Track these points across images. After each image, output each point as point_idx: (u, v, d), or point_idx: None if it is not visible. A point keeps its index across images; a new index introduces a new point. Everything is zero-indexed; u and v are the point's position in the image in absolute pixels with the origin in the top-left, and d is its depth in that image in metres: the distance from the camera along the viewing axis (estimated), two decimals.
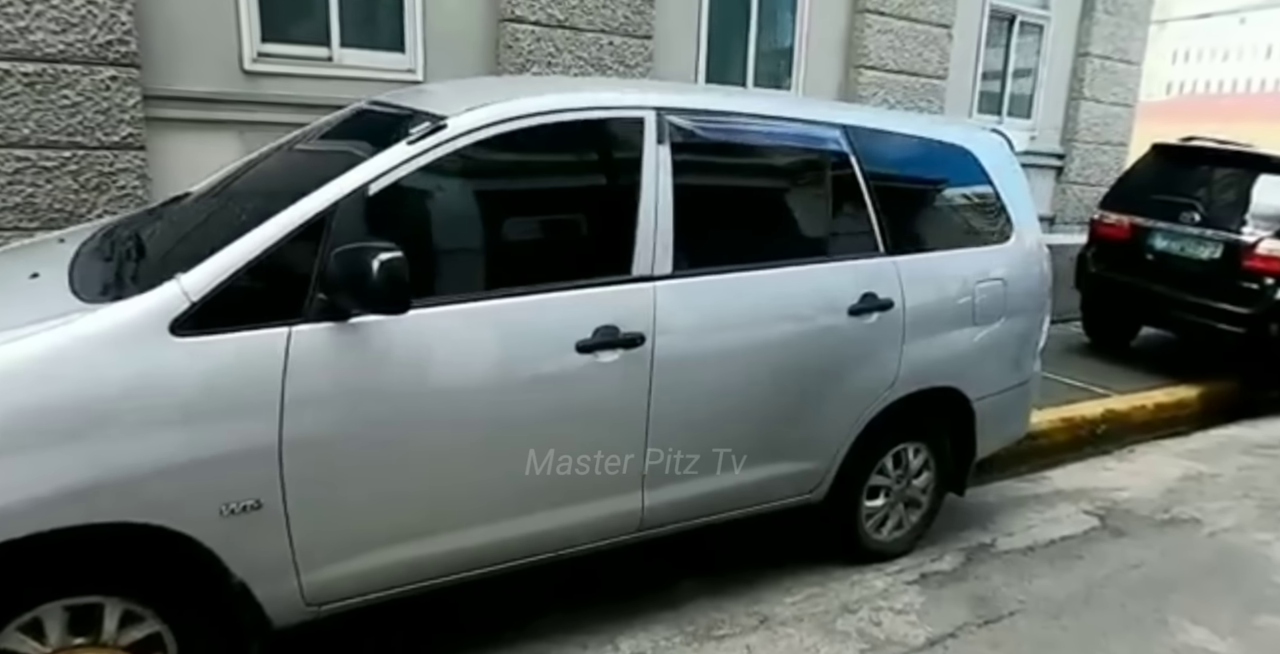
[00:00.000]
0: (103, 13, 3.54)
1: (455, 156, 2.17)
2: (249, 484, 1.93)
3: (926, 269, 2.94)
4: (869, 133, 2.90)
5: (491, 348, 2.18)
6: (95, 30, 3.54)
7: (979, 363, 3.16)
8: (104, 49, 3.57)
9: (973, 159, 3.16)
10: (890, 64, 5.84)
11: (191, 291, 1.88)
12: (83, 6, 3.50)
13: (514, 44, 4.48)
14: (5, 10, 3.37)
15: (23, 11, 3.40)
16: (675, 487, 2.55)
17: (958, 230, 3.17)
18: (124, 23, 3.59)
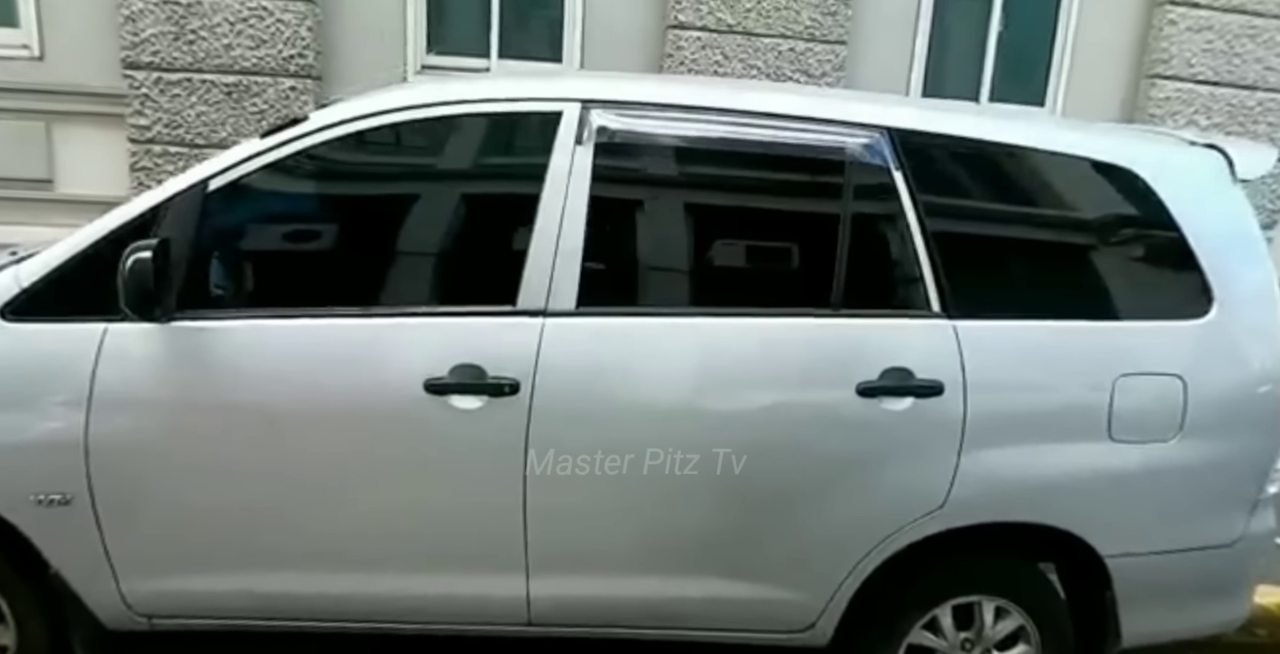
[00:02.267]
0: (287, 29, 3.96)
1: (312, 155, 1.93)
2: (59, 477, 1.90)
3: (1015, 344, 1.98)
4: (932, 140, 2.03)
5: (317, 371, 1.91)
6: (281, 45, 3.98)
7: (1122, 500, 2.05)
8: (287, 62, 4.00)
9: (1140, 185, 2.06)
10: (1205, 73, 4.31)
11: (24, 278, 1.90)
12: (272, 24, 3.95)
13: (676, 52, 4.13)
14: (215, 30, 3.94)
15: (227, 30, 3.95)
16: (573, 581, 2.01)
17: (1094, 293, 2.09)
18: (304, 38, 3.98)
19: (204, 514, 1.96)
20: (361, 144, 1.97)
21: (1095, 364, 2.00)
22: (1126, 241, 2.11)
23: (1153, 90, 4.40)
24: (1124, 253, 2.11)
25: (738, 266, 2.05)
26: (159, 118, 4.00)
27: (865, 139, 1.97)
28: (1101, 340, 2.02)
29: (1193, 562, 2.11)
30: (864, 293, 1.99)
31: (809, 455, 1.97)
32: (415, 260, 2.04)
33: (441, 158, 2.11)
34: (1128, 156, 2.06)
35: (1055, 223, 2.10)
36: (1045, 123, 3.04)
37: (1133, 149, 2.11)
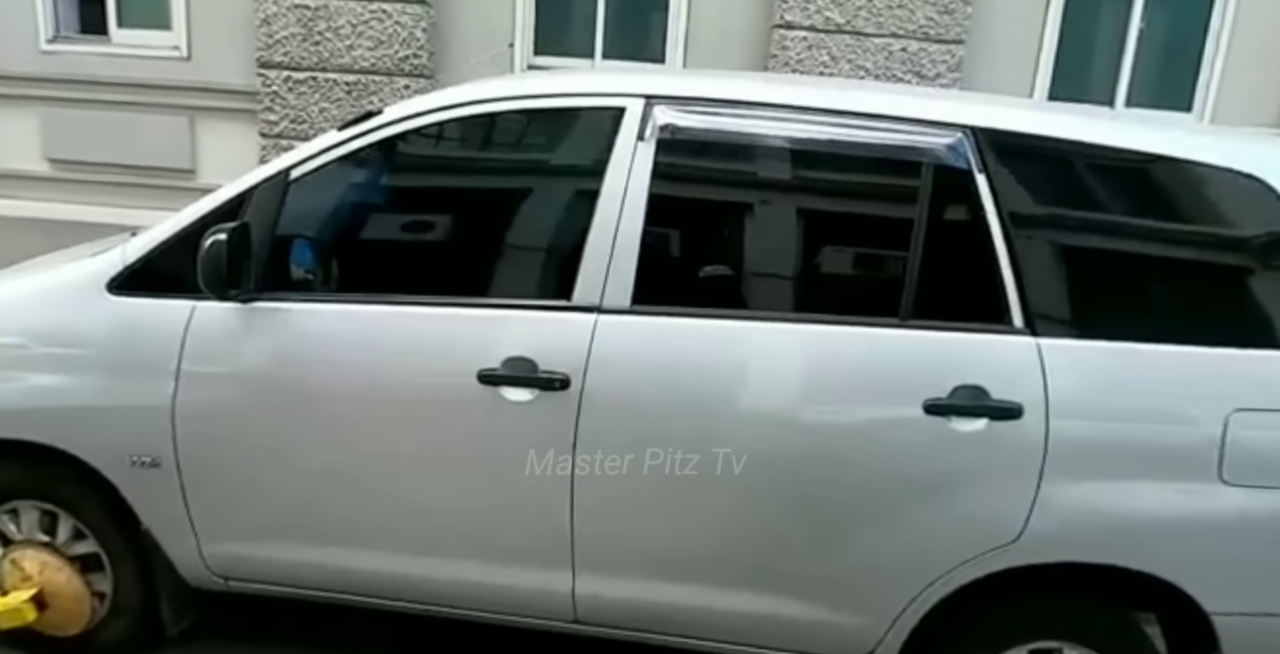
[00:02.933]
0: (404, 31, 4.15)
1: (384, 147, 2.00)
2: (150, 442, 2.05)
3: (1108, 367, 1.79)
4: (1023, 141, 1.86)
5: (379, 355, 1.97)
6: (397, 46, 4.17)
7: (1233, 551, 1.83)
8: (402, 62, 4.19)
9: (1267, 195, 1.83)
10: None
11: (128, 256, 2.06)
12: (390, 26, 4.15)
13: (781, 52, 4.04)
14: (339, 32, 4.17)
15: (349, 32, 4.17)
16: (620, 582, 1.99)
17: (1206, 315, 1.87)
18: (419, 39, 4.16)
19: (272, 485, 2.06)
20: (431, 137, 2.02)
21: (1204, 395, 1.79)
22: (1248, 259, 1.87)
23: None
24: (1245, 271, 1.87)
25: (801, 270, 1.96)
26: (286, 114, 4.27)
27: (946, 139, 1.84)
28: (1213, 369, 1.79)
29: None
30: (937, 304, 1.85)
31: (868, 472, 1.85)
32: (477, 251, 2.07)
33: (507, 151, 2.14)
34: (1253, 162, 1.83)
35: (1162, 235, 1.88)
36: (1155, 124, 2.74)
37: (1260, 154, 1.87)
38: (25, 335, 2.12)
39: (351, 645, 2.37)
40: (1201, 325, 1.82)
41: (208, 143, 4.48)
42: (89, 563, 2.18)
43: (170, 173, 4.48)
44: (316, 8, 4.14)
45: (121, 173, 4.52)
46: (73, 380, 2.05)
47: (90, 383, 2.05)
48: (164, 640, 2.24)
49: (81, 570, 2.18)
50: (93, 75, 4.45)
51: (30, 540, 2.20)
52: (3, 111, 4.64)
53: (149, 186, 4.48)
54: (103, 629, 2.22)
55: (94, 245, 2.35)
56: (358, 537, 2.06)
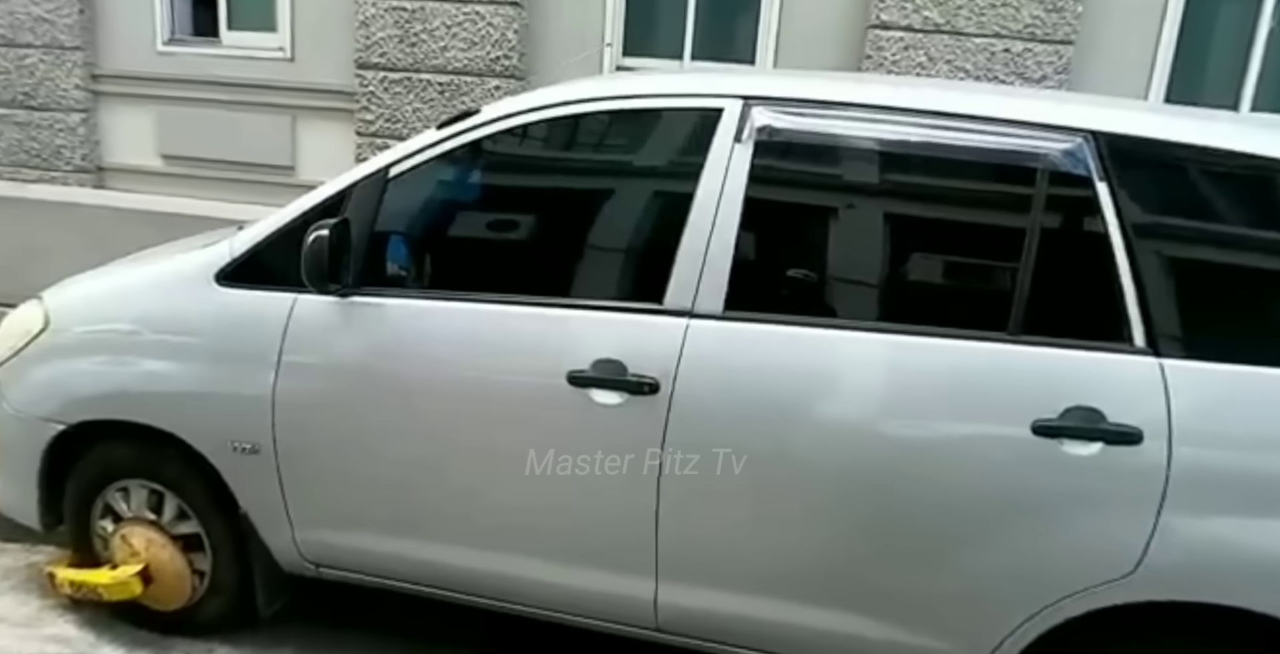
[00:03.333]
0: (496, 32, 4.21)
1: (480, 146, 2.02)
2: (250, 429, 2.13)
3: (1242, 393, 1.66)
4: (1149, 147, 1.75)
5: (470, 353, 2.00)
6: (490, 47, 4.24)
7: None
8: (494, 63, 4.25)
9: None
10: None
11: (235, 249, 2.14)
12: (483, 27, 4.22)
13: (876, 53, 3.93)
14: (434, 33, 4.27)
15: (444, 33, 4.26)
16: (702, 591, 1.97)
17: None
18: (510, 40, 4.22)
19: (362, 476, 2.11)
20: (527, 137, 2.03)
21: None
22: None
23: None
24: None
25: (902, 279, 1.89)
26: (381, 113, 4.39)
27: (1063, 144, 1.75)
28: None
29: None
30: (1050, 319, 1.76)
31: (968, 492, 1.77)
32: (569, 251, 2.07)
33: (601, 152, 2.14)
34: None
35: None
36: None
37: None
38: (139, 322, 2.23)
39: (434, 638, 2.41)
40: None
41: (307, 141, 4.65)
42: (190, 543, 2.28)
43: (272, 169, 4.66)
44: (413, 10, 4.24)
45: (227, 168, 4.73)
46: (181, 367, 2.15)
47: (197, 370, 2.13)
48: (257, 621, 2.33)
49: (184, 549, 2.28)
50: (203, 75, 4.67)
51: (139, 518, 2.31)
52: (122, 109, 4.92)
53: (252, 182, 4.68)
54: (201, 606, 2.32)
55: (203, 237, 2.46)
56: (442, 531, 2.09)
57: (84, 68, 4.84)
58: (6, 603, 2.44)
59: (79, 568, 2.36)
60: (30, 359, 2.30)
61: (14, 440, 2.34)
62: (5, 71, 4.93)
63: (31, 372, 2.29)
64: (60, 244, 4.59)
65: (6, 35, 4.88)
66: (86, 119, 4.92)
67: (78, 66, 4.82)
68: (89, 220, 4.70)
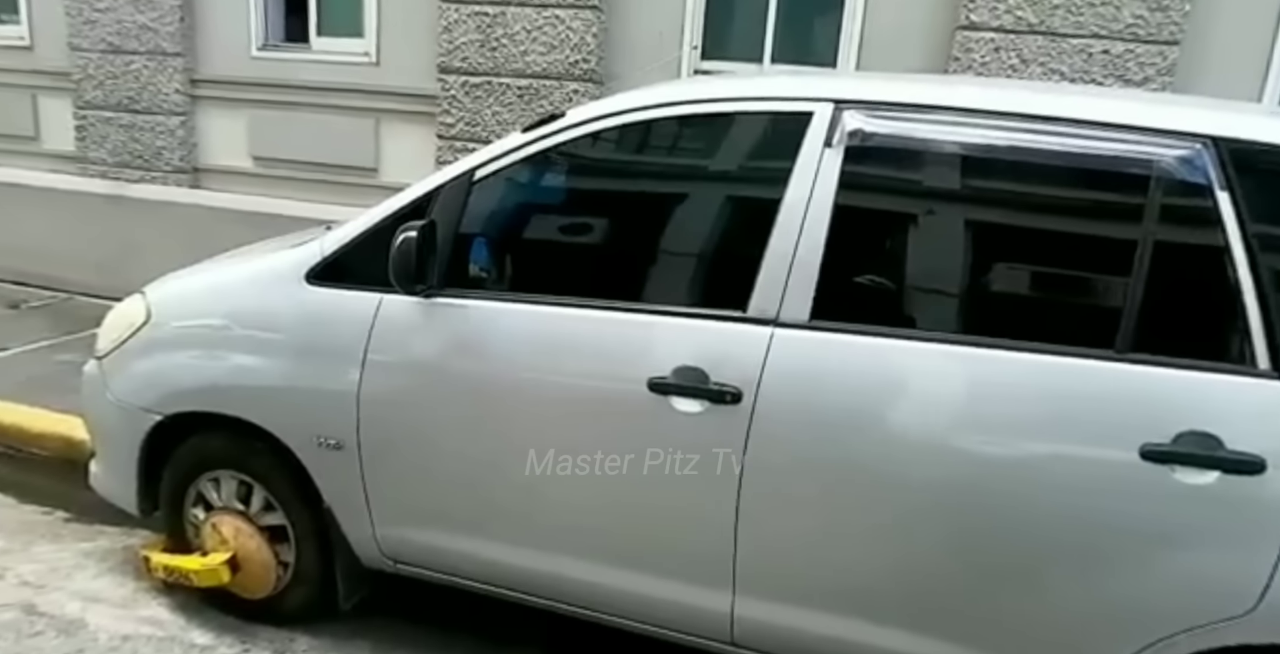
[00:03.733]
0: (575, 36, 4.24)
1: (565, 150, 2.02)
2: (336, 424, 2.18)
3: None
4: (1274, 154, 1.64)
5: (552, 356, 2.00)
6: (569, 51, 4.27)
7: None
8: (572, 67, 4.28)
9: None
10: None
11: (325, 249, 2.20)
12: (563, 31, 4.25)
13: (964, 55, 3.81)
14: (514, 37, 4.32)
15: (524, 38, 4.31)
16: (781, 608, 1.93)
17: None
18: (589, 44, 4.23)
19: (440, 475, 2.13)
20: (611, 141, 2.03)
21: None
22: None
23: None
24: None
25: (1001, 292, 1.82)
26: (462, 117, 4.46)
27: (1181, 151, 1.65)
28: None
29: None
30: (1162, 337, 1.66)
31: (1068, 519, 1.68)
32: (653, 257, 2.05)
33: (685, 157, 2.11)
34: None
35: None
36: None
37: None
38: (232, 318, 2.31)
39: (502, 637, 2.42)
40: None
41: (389, 143, 4.76)
42: (276, 534, 2.35)
43: (355, 171, 4.79)
44: (494, 14, 4.30)
45: (313, 170, 4.88)
46: (271, 362, 2.21)
47: (286, 366, 2.19)
48: (337, 613, 2.38)
49: (269, 540, 2.35)
50: (293, 79, 4.83)
51: (228, 508, 2.39)
52: (218, 113, 5.13)
53: (336, 183, 4.82)
54: (284, 596, 2.39)
55: (292, 237, 2.53)
56: (517, 533, 2.09)
57: (184, 73, 5.06)
58: (105, 583, 2.56)
59: (172, 553, 2.46)
60: (132, 351, 2.40)
61: (116, 429, 2.45)
62: (112, 77, 5.20)
63: (133, 363, 2.40)
64: (157, 241, 4.82)
65: (114, 43, 5.14)
66: (185, 122, 5.14)
67: (178, 72, 5.05)
68: (184, 219, 4.92)
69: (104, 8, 5.11)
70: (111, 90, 5.21)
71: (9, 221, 5.36)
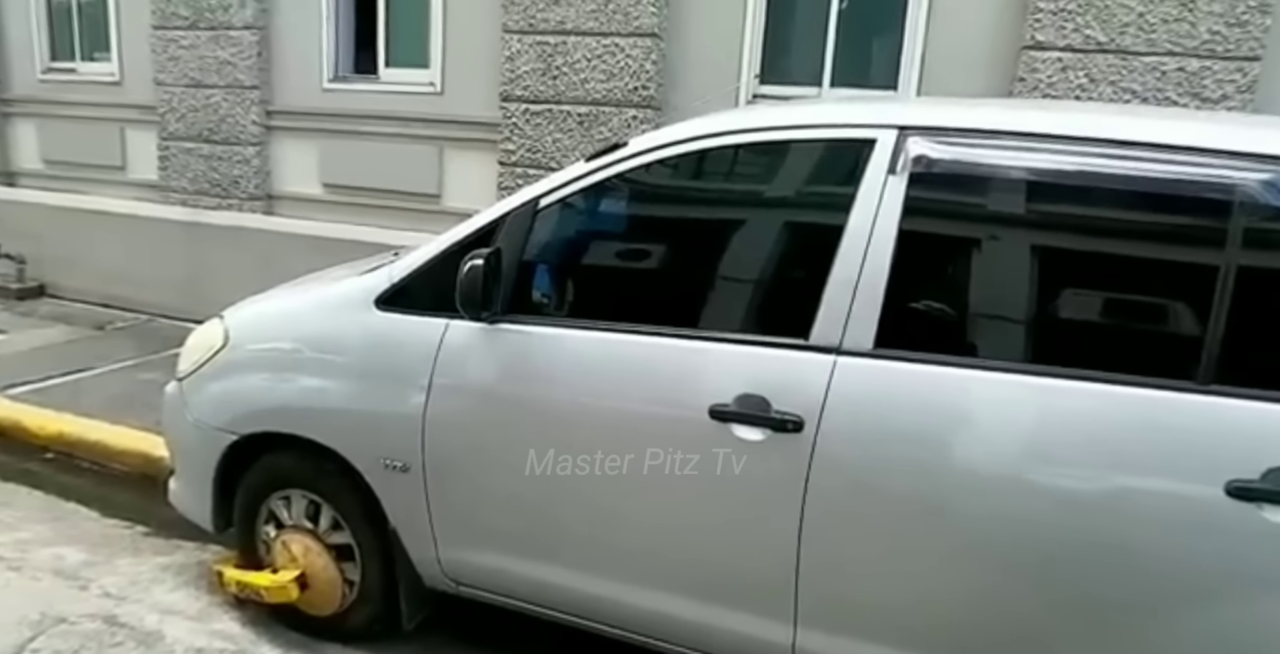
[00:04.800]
0: (634, 63, 4.30)
1: (628, 178, 2.05)
2: (402, 447, 2.23)
3: None
4: None
5: (615, 383, 2.01)
6: (628, 78, 4.33)
7: None
8: (631, 94, 4.35)
9: None
10: None
11: (394, 276, 2.26)
12: (622, 59, 4.32)
13: (1029, 75, 3.75)
14: (574, 66, 4.41)
15: (584, 66, 4.39)
16: (844, 642, 1.89)
17: None
18: (648, 71, 4.30)
19: (503, 500, 2.16)
20: (674, 168, 2.05)
21: None
22: None
23: None
24: None
25: (1075, 321, 1.76)
26: (523, 144, 4.56)
27: (1265, 174, 1.59)
28: None
29: None
30: (1248, 368, 1.59)
31: (1147, 559, 1.62)
32: (716, 285, 2.06)
33: (750, 183, 2.12)
34: None
35: None
36: None
37: None
38: (304, 342, 2.38)
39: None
40: None
41: (452, 170, 4.89)
42: (343, 553, 2.40)
43: (420, 197, 4.93)
44: (555, 44, 4.39)
45: (380, 196, 5.04)
46: (340, 385, 2.27)
47: (355, 389, 2.25)
48: (400, 632, 2.41)
49: (336, 559, 2.40)
50: (362, 109, 5.01)
51: (298, 526, 2.45)
52: (291, 142, 5.35)
53: (401, 209, 4.96)
54: (350, 614, 2.43)
55: (361, 263, 2.61)
56: (576, 558, 2.10)
57: (260, 105, 5.30)
58: (180, 596, 2.65)
59: (244, 569, 2.53)
60: (210, 373, 2.50)
61: (194, 448, 2.54)
62: (194, 109, 5.47)
63: (211, 384, 2.49)
64: (233, 265, 5.03)
65: (195, 77, 5.42)
66: (260, 151, 5.38)
67: (254, 104, 5.29)
68: (258, 243, 5.12)
69: (188, 45, 5.40)
70: (192, 122, 5.48)
71: (96, 247, 5.66)
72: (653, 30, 4.24)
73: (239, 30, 5.21)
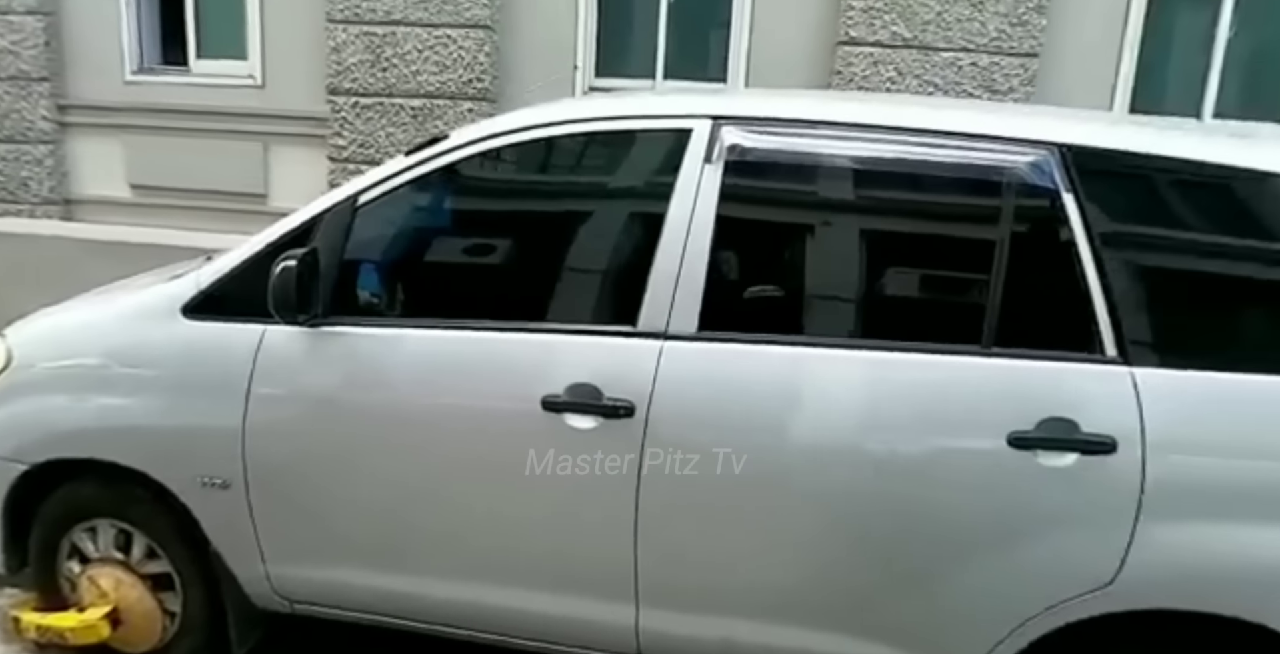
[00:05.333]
0: (468, 55, 4.22)
1: (451, 171, 2.00)
2: (220, 463, 2.07)
3: (1212, 400, 1.67)
4: (1115, 159, 1.76)
5: (443, 380, 1.96)
6: (461, 70, 4.25)
7: None
8: (466, 86, 4.26)
9: None
10: None
11: (202, 281, 2.10)
12: (455, 51, 4.23)
13: (845, 69, 3.97)
14: (405, 57, 4.27)
15: (415, 57, 4.26)
16: (685, 617, 1.93)
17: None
18: (482, 63, 4.23)
19: (335, 510, 2.06)
20: (497, 161, 2.02)
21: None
22: None
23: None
24: None
25: (876, 296, 1.88)
26: (354, 139, 4.38)
27: (1031, 157, 1.75)
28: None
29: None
30: (1022, 331, 1.75)
31: (944, 507, 1.76)
32: (540, 276, 2.04)
33: (570, 174, 2.12)
34: None
35: (1265, 257, 1.75)
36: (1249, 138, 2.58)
37: None
38: (105, 357, 2.18)
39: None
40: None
41: (279, 167, 4.62)
42: (160, 582, 2.21)
43: (244, 197, 4.63)
44: (384, 35, 4.24)
45: (199, 197, 4.69)
46: (147, 402, 2.09)
47: (164, 404, 2.08)
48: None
49: (153, 589, 2.21)
50: (173, 104, 4.64)
51: (107, 558, 2.24)
52: (91, 140, 4.87)
53: (224, 210, 4.64)
54: (172, 647, 2.25)
55: (169, 269, 2.41)
56: (419, 562, 2.04)
57: (50, 99, 4.79)
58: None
59: (44, 611, 2.28)
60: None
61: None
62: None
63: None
64: (22, 277, 4.52)
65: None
66: (54, 150, 4.86)
67: (44, 97, 4.78)
68: (52, 252, 4.63)
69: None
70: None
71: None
72: (485, 22, 4.17)
73: (20, 15, 4.69)
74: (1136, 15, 3.89)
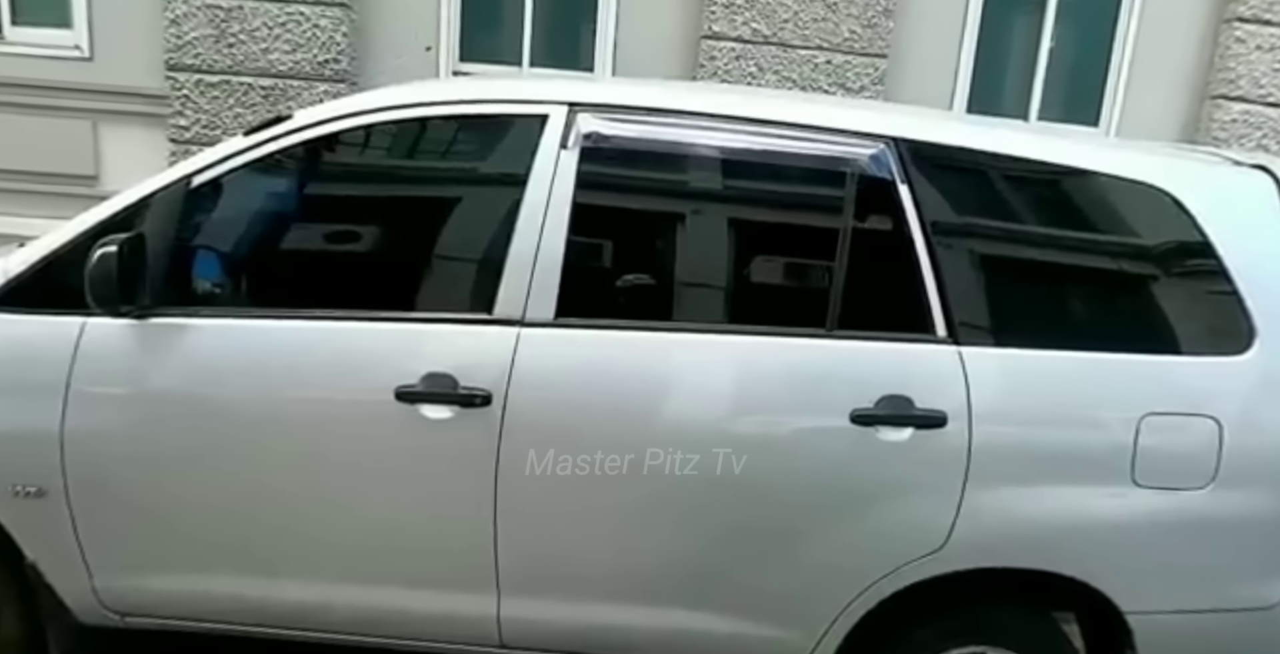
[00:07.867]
0: (323, 34, 4.02)
1: (292, 154, 1.90)
2: (35, 469, 1.90)
3: (1029, 375, 1.82)
4: (943, 152, 1.89)
5: (288, 372, 1.87)
6: (316, 50, 4.04)
7: (1145, 552, 1.87)
8: (322, 67, 4.06)
9: (1171, 206, 1.88)
10: (1276, 95, 4.04)
11: (10, 269, 1.91)
12: (309, 29, 4.02)
13: (709, 62, 4.06)
14: (254, 34, 4.02)
15: (266, 35, 4.02)
16: (545, 604, 1.93)
17: (1119, 323, 1.92)
18: (339, 43, 4.04)
19: (171, 513, 1.94)
20: (342, 144, 1.94)
21: (1119, 401, 1.83)
22: (1156, 268, 1.94)
23: (1217, 112, 4.14)
24: (1154, 280, 1.94)
25: (727, 281, 1.95)
26: (198, 119, 4.09)
27: (870, 150, 1.86)
28: (1127, 375, 1.84)
29: (1225, 624, 1.92)
30: (862, 315, 1.86)
31: (795, 484, 1.85)
32: (393, 263, 1.99)
33: (423, 159, 2.07)
34: (1155, 173, 1.90)
35: (1076, 245, 1.94)
36: (1065, 137, 2.85)
37: (1162, 166, 1.95)
38: None
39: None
40: (1115, 333, 1.88)
41: (112, 148, 4.25)
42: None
43: (70, 179, 4.23)
44: (230, 9, 3.98)
45: (17, 179, 4.25)
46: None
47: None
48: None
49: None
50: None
51: None
52: None
53: (47, 194, 4.22)
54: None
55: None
56: (268, 565, 1.95)
57: None
58: None
59: None
60: None
61: None
62: None
63: None
64: None
65: None
66: None
67: None
68: None
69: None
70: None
71: None
72: (342, 0, 3.99)
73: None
74: (973, 24, 4.19)
